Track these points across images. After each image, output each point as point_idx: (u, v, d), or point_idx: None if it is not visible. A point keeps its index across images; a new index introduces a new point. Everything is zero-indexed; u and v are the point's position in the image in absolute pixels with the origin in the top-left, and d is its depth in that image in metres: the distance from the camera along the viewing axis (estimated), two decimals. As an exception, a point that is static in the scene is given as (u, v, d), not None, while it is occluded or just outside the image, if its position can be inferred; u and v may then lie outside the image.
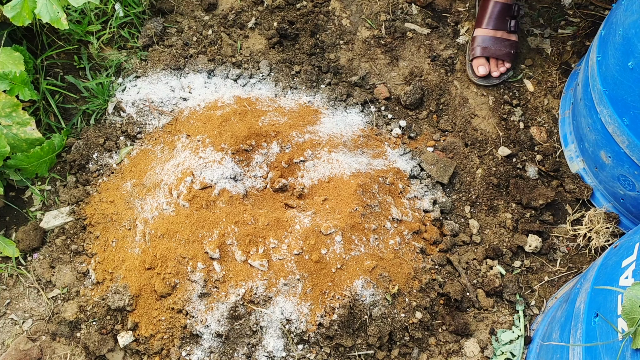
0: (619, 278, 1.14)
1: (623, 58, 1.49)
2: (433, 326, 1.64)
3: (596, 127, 1.69)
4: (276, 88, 1.99)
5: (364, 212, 1.66)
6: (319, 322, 1.54)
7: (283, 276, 1.55)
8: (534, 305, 1.72)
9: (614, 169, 1.68)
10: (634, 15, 1.45)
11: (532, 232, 1.80)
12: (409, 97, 1.99)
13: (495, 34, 2.02)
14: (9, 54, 1.77)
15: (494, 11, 2.02)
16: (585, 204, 1.86)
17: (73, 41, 2.01)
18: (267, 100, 1.93)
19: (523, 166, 1.91)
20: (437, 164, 1.85)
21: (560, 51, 2.12)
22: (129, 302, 1.59)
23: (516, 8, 2.03)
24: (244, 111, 1.82)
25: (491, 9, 2.03)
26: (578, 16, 2.19)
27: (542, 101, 2.04)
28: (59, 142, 1.84)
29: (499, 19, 2.02)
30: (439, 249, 1.75)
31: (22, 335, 1.62)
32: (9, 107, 1.72)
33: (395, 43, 2.11)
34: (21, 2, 1.67)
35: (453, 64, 2.09)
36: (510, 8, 2.03)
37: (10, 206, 1.81)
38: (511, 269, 1.76)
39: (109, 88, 1.96)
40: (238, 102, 1.88)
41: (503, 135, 1.96)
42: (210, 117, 1.82)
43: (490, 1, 2.03)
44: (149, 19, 2.09)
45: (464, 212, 1.84)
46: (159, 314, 1.58)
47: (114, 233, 1.70)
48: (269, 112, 1.86)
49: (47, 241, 1.75)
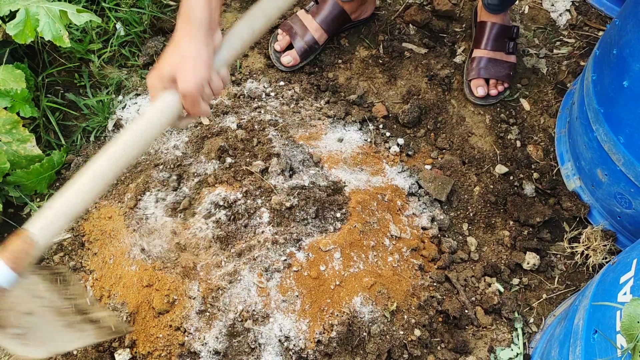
0: (617, 294, 1.14)
1: (618, 77, 1.51)
2: (432, 344, 1.63)
3: (592, 146, 1.70)
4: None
5: (363, 228, 1.67)
6: (318, 339, 1.54)
7: (281, 292, 1.55)
8: (532, 322, 1.72)
9: (610, 187, 1.69)
10: (628, 35, 1.47)
11: (530, 249, 1.80)
12: (406, 115, 2.01)
13: (495, 55, 2.04)
14: (10, 72, 1.79)
15: (492, 32, 2.04)
16: (583, 222, 1.87)
17: (74, 59, 2.03)
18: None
19: (520, 184, 1.92)
20: (434, 182, 1.86)
21: (556, 71, 2.15)
22: (127, 319, 1.58)
23: (515, 30, 2.06)
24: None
25: (489, 30, 2.05)
26: (573, 37, 2.22)
27: (539, 120, 2.06)
28: (59, 159, 1.85)
29: (498, 40, 2.04)
30: (437, 266, 1.75)
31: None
32: (10, 124, 1.73)
33: (393, 62, 2.14)
34: (24, 20, 1.70)
35: (450, 83, 2.11)
36: (509, 30, 2.05)
37: (9, 223, 1.81)
38: (509, 286, 1.76)
39: (109, 106, 1.97)
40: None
41: (500, 153, 1.98)
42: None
43: (488, 22, 2.05)
44: (150, 38, 2.12)
45: (462, 230, 1.84)
46: (156, 331, 1.57)
47: (112, 250, 1.70)
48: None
49: (45, 258, 1.74)
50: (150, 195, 1.75)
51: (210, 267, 1.61)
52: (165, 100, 1.14)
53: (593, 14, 2.26)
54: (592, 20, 2.25)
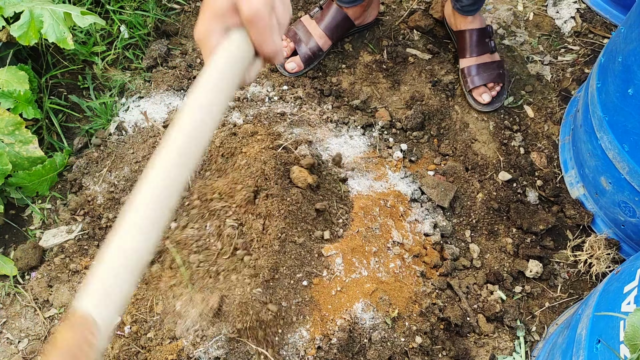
0: (620, 304, 1.13)
1: (623, 85, 1.50)
2: (433, 351, 1.62)
3: (596, 153, 1.70)
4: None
5: (365, 234, 1.66)
6: (318, 346, 1.53)
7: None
8: (534, 331, 1.71)
9: (614, 195, 1.68)
10: (633, 43, 1.46)
11: (533, 257, 1.79)
12: (410, 121, 2.00)
13: (481, 60, 2.05)
14: (14, 73, 1.79)
15: (472, 39, 2.05)
16: (586, 230, 1.86)
17: (78, 61, 2.03)
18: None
19: (523, 191, 1.91)
20: (437, 188, 1.86)
21: (560, 78, 2.14)
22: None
23: (490, 29, 2.07)
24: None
25: (469, 37, 2.06)
26: (577, 44, 2.21)
27: (542, 127, 2.05)
28: (61, 161, 1.84)
29: (480, 44, 2.05)
30: (439, 273, 1.74)
31: (18, 355, 1.61)
32: (12, 125, 1.73)
33: (396, 68, 2.14)
34: (28, 21, 1.70)
35: (454, 89, 2.11)
36: (486, 30, 2.06)
37: (10, 224, 1.81)
38: (512, 294, 1.75)
39: (112, 108, 1.97)
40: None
41: (503, 160, 1.97)
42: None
43: (466, 31, 2.06)
44: (154, 40, 2.12)
45: (464, 236, 1.83)
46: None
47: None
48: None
49: (46, 260, 1.74)
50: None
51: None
52: (233, 42, 0.81)
53: (598, 22, 2.26)
54: (597, 28, 2.24)
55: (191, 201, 1.63)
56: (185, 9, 2.21)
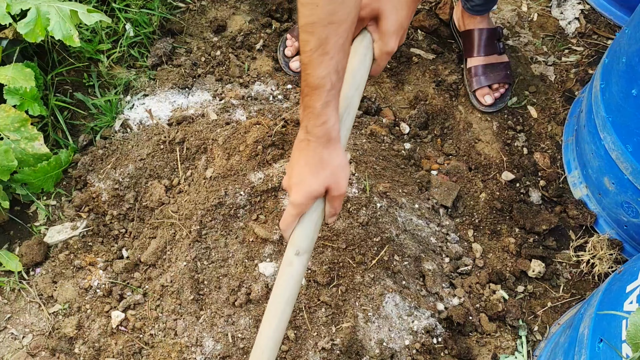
0: (623, 303, 1.14)
1: (627, 85, 1.51)
2: (435, 350, 1.63)
3: (600, 154, 1.70)
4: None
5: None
6: (322, 347, 1.53)
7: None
8: (537, 331, 1.71)
9: (617, 195, 1.69)
10: (637, 44, 1.47)
11: (536, 257, 1.80)
12: (413, 120, 2.01)
13: (489, 60, 2.05)
14: (20, 70, 1.80)
15: (482, 38, 2.05)
16: (589, 230, 1.86)
17: (83, 59, 2.04)
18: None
19: (526, 191, 1.92)
20: (440, 187, 1.86)
21: (564, 79, 2.14)
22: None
23: (500, 30, 2.07)
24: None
25: (478, 36, 2.05)
26: (581, 45, 2.22)
27: (546, 127, 2.05)
28: (66, 158, 1.85)
29: (489, 44, 2.05)
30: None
31: (22, 350, 1.61)
32: (18, 122, 1.74)
33: (400, 67, 2.14)
34: (34, 19, 1.71)
35: (457, 89, 2.11)
36: (496, 31, 2.06)
37: (15, 220, 1.82)
38: (514, 294, 1.75)
39: (117, 106, 1.98)
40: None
41: (507, 160, 1.97)
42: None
43: (475, 30, 2.05)
44: (159, 39, 2.13)
45: (467, 236, 1.84)
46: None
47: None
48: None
49: (51, 256, 1.75)
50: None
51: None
52: (315, 210, 1.20)
53: (602, 23, 2.26)
54: (600, 29, 2.24)
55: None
56: (190, 8, 2.22)
